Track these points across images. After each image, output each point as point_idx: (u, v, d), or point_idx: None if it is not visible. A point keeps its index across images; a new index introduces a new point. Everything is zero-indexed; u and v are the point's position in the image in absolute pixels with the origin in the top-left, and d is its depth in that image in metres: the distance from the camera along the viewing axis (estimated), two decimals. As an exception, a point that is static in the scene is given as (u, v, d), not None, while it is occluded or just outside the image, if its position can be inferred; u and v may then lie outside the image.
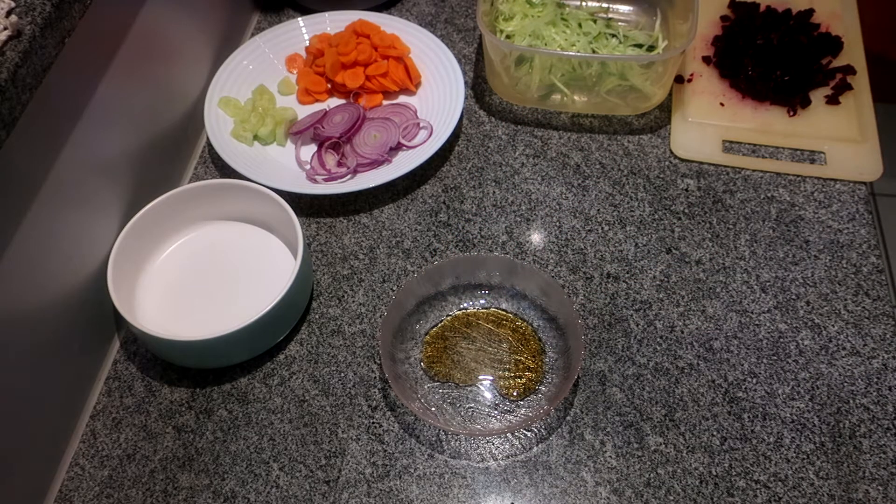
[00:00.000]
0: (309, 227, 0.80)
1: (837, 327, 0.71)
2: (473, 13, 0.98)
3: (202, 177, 0.85)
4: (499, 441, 0.66)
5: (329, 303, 0.75)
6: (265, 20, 0.99)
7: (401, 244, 0.78)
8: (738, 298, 0.73)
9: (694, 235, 0.77)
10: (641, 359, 0.70)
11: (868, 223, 0.77)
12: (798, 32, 0.89)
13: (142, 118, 0.76)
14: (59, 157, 0.63)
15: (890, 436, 0.65)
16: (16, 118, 0.53)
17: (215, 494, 0.64)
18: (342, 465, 0.65)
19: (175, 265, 0.76)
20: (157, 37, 0.77)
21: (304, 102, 0.90)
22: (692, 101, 0.87)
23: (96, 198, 0.70)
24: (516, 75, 0.86)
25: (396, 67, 0.88)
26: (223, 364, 0.70)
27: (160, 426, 0.68)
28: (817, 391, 0.67)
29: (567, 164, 0.83)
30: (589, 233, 0.78)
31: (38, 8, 0.55)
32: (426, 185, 0.83)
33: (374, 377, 0.70)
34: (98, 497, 0.65)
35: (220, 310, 0.72)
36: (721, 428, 0.66)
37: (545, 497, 0.63)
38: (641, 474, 0.64)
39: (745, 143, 0.84)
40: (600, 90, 0.85)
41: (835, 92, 0.85)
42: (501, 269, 0.72)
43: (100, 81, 0.68)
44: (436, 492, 0.64)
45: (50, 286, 0.64)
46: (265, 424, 0.68)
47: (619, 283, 0.74)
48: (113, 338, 0.74)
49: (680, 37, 0.85)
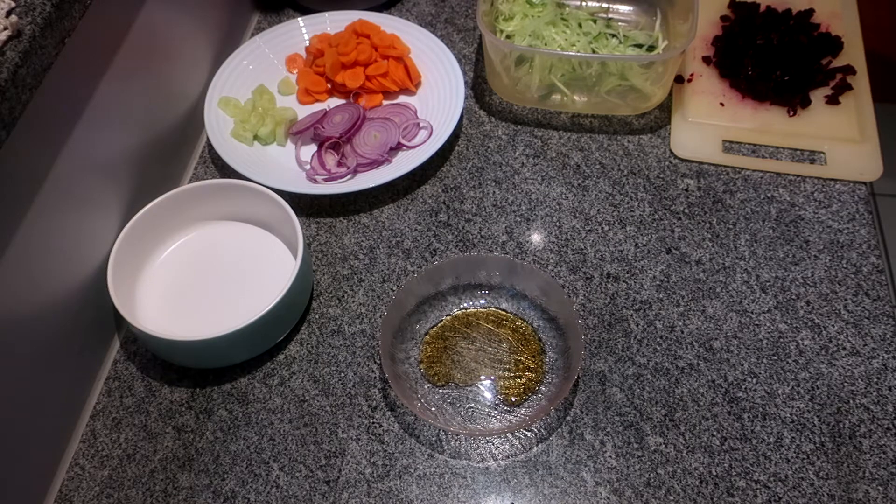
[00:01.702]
0: (309, 227, 0.80)
1: (837, 327, 0.71)
2: (473, 13, 0.98)
3: (202, 177, 0.85)
4: (499, 441, 0.66)
5: (329, 303, 0.75)
6: (265, 20, 0.99)
7: (401, 244, 0.78)
8: (738, 298, 0.73)
9: (694, 235, 0.77)
10: (641, 359, 0.70)
11: (868, 223, 0.77)
12: (798, 32, 0.89)
13: (142, 118, 0.76)
14: (59, 157, 0.63)
15: (890, 436, 0.65)
16: (16, 118, 0.53)
17: (215, 494, 0.64)
18: (342, 465, 0.65)
19: (175, 265, 0.76)
20: (157, 37, 0.77)
21: (304, 102, 0.90)
22: (692, 101, 0.87)
23: (96, 198, 0.70)
24: (516, 75, 0.86)
25: (396, 67, 0.88)
26: (223, 364, 0.70)
27: (160, 426, 0.68)
28: (817, 391, 0.67)
29: (567, 164, 0.83)
30: (589, 233, 0.78)
31: (38, 8, 0.55)
32: (426, 185, 0.83)
33: (374, 377, 0.70)
34: (98, 497, 0.65)
35: (220, 310, 0.72)
36: (721, 428, 0.66)
37: (545, 497, 0.63)
38: (641, 474, 0.64)
39: (745, 143, 0.84)
40: (600, 90, 0.85)
41: (835, 92, 0.85)
42: (501, 269, 0.72)
43: (100, 81, 0.68)
44: (436, 492, 0.64)
45: (50, 286, 0.64)
46: (265, 424, 0.68)
47: (619, 283, 0.74)
48: (113, 338, 0.74)
49: (680, 37, 0.85)
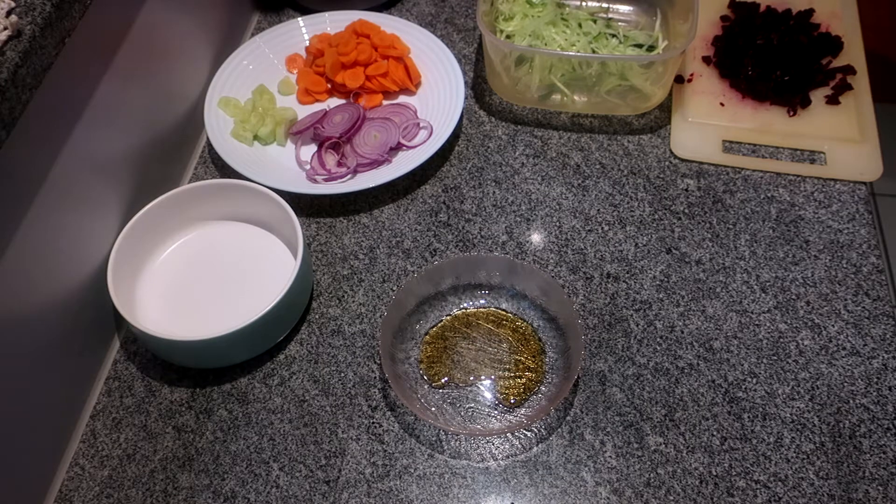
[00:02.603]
0: (309, 227, 0.80)
1: (837, 327, 0.71)
2: (473, 13, 0.98)
3: (202, 177, 0.85)
4: (499, 441, 0.66)
5: (329, 303, 0.75)
6: (265, 20, 0.99)
7: (401, 244, 0.78)
8: (738, 298, 0.73)
9: (694, 235, 0.77)
10: (641, 359, 0.70)
11: (868, 223, 0.77)
12: (798, 32, 0.89)
13: (142, 118, 0.76)
14: (59, 157, 0.63)
15: (890, 436, 0.65)
16: (16, 118, 0.53)
17: (215, 494, 0.64)
18: (342, 465, 0.65)
19: (175, 265, 0.76)
20: (157, 37, 0.77)
21: (304, 102, 0.90)
22: (692, 101, 0.87)
23: (96, 198, 0.70)
24: (516, 75, 0.86)
25: (396, 67, 0.88)
26: (223, 364, 0.70)
27: (160, 426, 0.68)
28: (817, 391, 0.67)
29: (567, 164, 0.83)
30: (589, 233, 0.78)
31: (38, 8, 0.55)
32: (426, 185, 0.83)
33: (374, 377, 0.70)
34: (98, 497, 0.65)
35: (220, 310, 0.72)
36: (721, 428, 0.66)
37: (545, 497, 0.63)
38: (641, 474, 0.64)
39: (745, 143, 0.84)
40: (600, 90, 0.85)
41: (835, 92, 0.85)
42: (501, 269, 0.72)
43: (100, 81, 0.68)
44: (436, 492, 0.64)
45: (50, 286, 0.64)
46: (265, 424, 0.68)
47: (619, 283, 0.74)
48: (113, 338, 0.74)
49: (680, 37, 0.85)
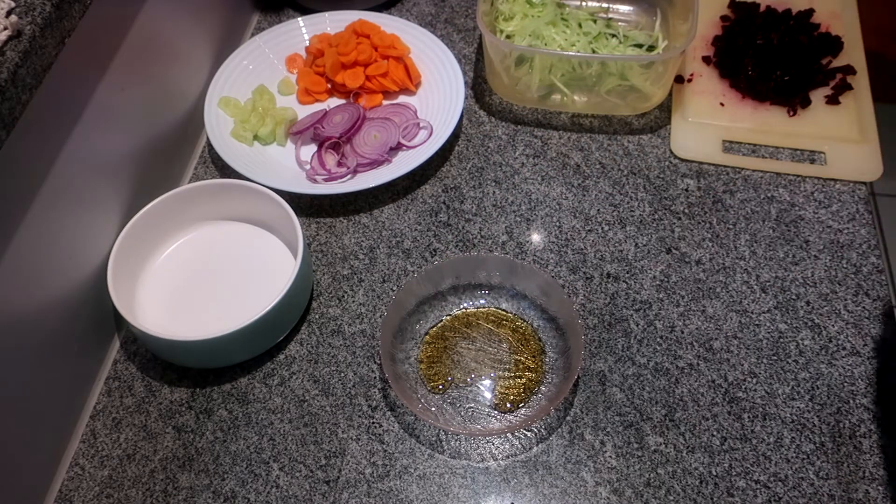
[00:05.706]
0: (309, 227, 0.80)
1: (837, 327, 0.71)
2: (473, 13, 0.98)
3: (202, 177, 0.85)
4: (499, 441, 0.66)
5: (329, 303, 0.75)
6: (265, 20, 0.99)
7: (401, 244, 0.78)
8: (738, 298, 0.73)
9: (694, 235, 0.77)
10: (641, 359, 0.70)
11: (868, 223, 0.77)
12: (798, 32, 0.89)
13: (142, 118, 0.76)
14: (59, 157, 0.63)
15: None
16: (16, 118, 0.53)
17: (215, 494, 0.64)
18: (342, 465, 0.65)
19: (175, 265, 0.76)
20: (156, 37, 0.77)
21: (304, 102, 0.90)
22: (692, 101, 0.87)
23: (96, 198, 0.70)
24: (516, 75, 0.86)
25: (396, 67, 0.88)
26: (223, 364, 0.70)
27: (160, 426, 0.68)
28: (817, 391, 0.67)
29: (567, 164, 0.83)
30: (589, 233, 0.78)
31: (38, 8, 0.55)
32: (426, 185, 0.83)
33: (374, 377, 0.70)
34: (98, 497, 0.65)
35: (220, 310, 0.72)
36: (721, 428, 0.66)
37: (545, 497, 0.63)
38: (641, 474, 0.64)
39: (745, 143, 0.84)
40: (600, 90, 0.85)
41: (835, 92, 0.85)
42: (501, 269, 0.72)
43: (100, 81, 0.68)
44: (436, 492, 0.64)
45: (50, 286, 0.64)
46: (265, 424, 0.68)
47: (619, 283, 0.74)
48: (113, 338, 0.74)
49: (680, 37, 0.85)
